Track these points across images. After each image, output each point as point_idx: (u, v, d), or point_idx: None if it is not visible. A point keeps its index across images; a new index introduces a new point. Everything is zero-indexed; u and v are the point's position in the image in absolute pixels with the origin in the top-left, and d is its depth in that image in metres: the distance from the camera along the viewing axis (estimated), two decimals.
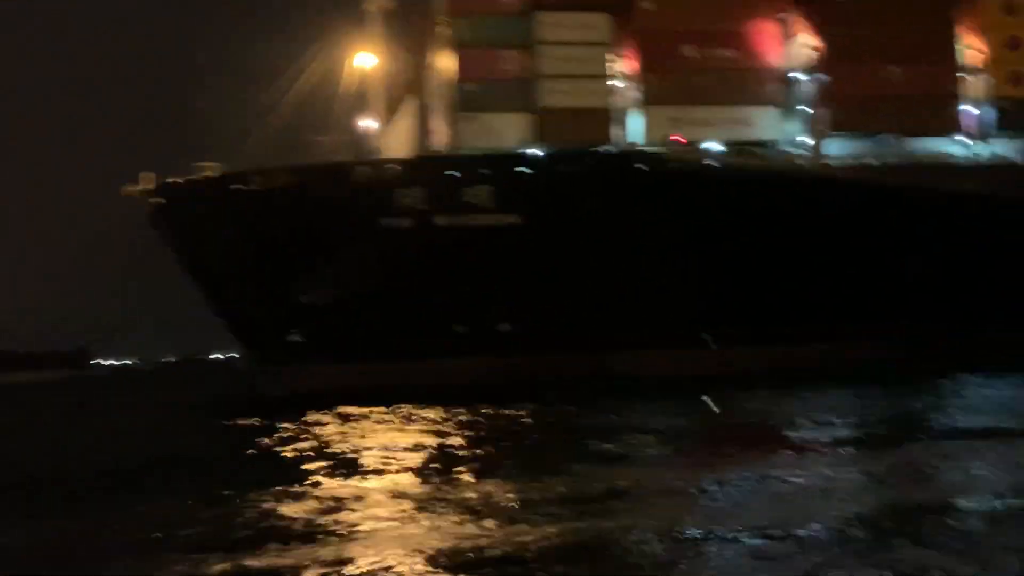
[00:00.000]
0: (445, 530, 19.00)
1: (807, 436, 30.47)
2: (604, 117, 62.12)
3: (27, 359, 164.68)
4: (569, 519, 19.22)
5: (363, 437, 36.20)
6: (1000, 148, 65.16)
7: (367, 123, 74.83)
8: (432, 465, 27.49)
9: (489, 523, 19.20)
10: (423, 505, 21.41)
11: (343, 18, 75.31)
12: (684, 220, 59.11)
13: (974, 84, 65.78)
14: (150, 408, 65.39)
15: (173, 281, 72.69)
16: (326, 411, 47.07)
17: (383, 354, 62.05)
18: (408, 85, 67.90)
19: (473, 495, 22.35)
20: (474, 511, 20.37)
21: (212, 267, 65.96)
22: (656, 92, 61.92)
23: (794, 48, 65.51)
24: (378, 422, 41.93)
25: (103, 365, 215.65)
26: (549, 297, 61.34)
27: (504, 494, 22.30)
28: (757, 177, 59.77)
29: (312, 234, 61.00)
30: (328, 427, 40.58)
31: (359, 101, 74.57)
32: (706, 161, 60.55)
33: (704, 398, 38.70)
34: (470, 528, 18.95)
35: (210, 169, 63.23)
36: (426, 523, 19.69)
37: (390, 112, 73.52)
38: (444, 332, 62.41)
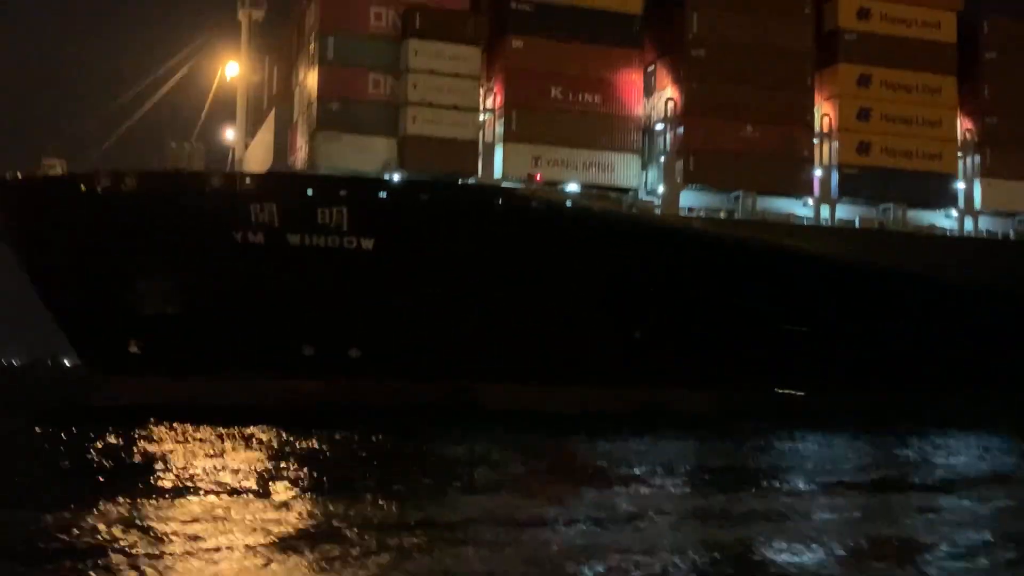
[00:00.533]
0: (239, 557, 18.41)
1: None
2: (469, 149, 62.14)
3: None
4: (382, 548, 18.90)
5: (182, 455, 35.14)
6: (844, 212, 67.75)
7: (230, 133, 73.57)
8: (249, 487, 26.76)
9: (299, 549, 18.73)
10: (225, 528, 20.72)
11: (217, 26, 74.05)
12: (534, 257, 59.53)
13: (824, 149, 68.40)
14: None
15: (25, 278, 69.35)
16: (151, 425, 45.67)
17: (227, 371, 60.52)
18: (272, 99, 66.84)
19: (273, 519, 21.77)
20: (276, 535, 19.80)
21: (49, 269, 63.26)
22: (519, 129, 62.37)
23: (656, 99, 67.04)
24: (202, 440, 40.81)
25: None
26: (399, 325, 60.85)
27: (307, 520, 21.80)
28: (608, 221, 60.68)
29: (157, 242, 59.11)
30: (147, 443, 39.29)
31: (225, 111, 73.33)
32: (561, 201, 61.08)
33: None
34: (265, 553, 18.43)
35: (54, 167, 60.71)
36: (226, 548, 19.02)
37: (255, 124, 72.40)
38: (292, 353, 61.21)
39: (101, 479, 28.47)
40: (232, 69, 71.52)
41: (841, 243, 66.10)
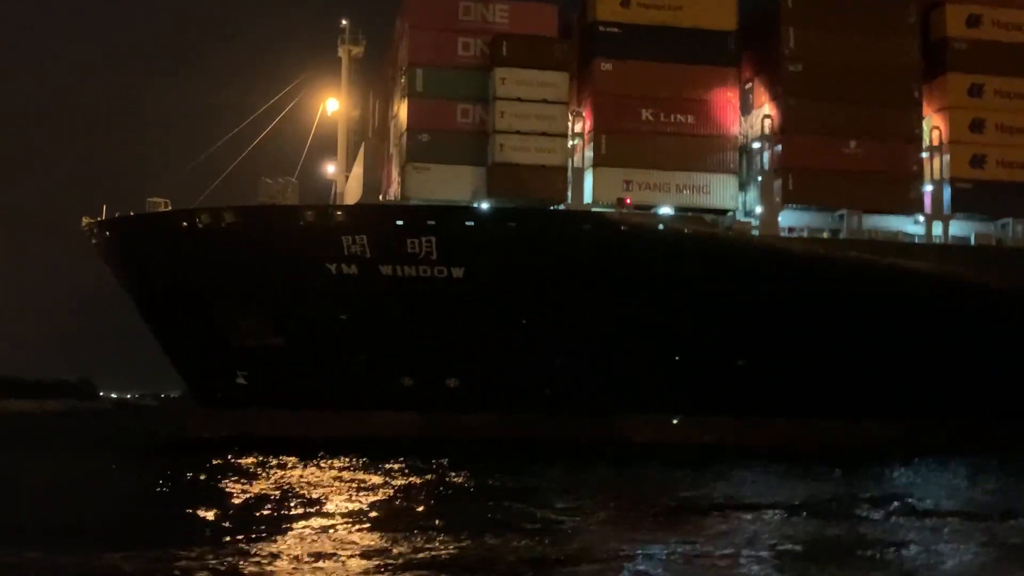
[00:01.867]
0: None
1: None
2: (558, 175, 61.61)
3: (34, 387, 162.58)
4: None
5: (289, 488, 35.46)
6: (957, 229, 64.36)
7: (331, 168, 75.02)
8: (358, 523, 26.89)
9: None
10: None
11: (319, 64, 75.83)
12: (625, 283, 58.34)
13: (934, 163, 65.20)
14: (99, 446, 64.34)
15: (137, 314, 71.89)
16: (256, 457, 46.41)
17: (328, 403, 61.34)
18: (365, 132, 67.80)
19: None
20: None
21: (157, 304, 65.45)
22: (608, 153, 61.47)
23: (753, 118, 65.19)
24: (306, 472, 41.09)
25: (108, 398, 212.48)
26: (494, 354, 60.50)
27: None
28: (701, 244, 59.05)
29: (256, 276, 60.46)
30: (256, 476, 39.79)
31: (330, 146, 74.86)
32: (653, 225, 59.80)
33: None
34: None
35: (159, 205, 62.88)
36: None
37: (353, 158, 73.61)
38: (392, 384, 61.59)
39: (230, 514, 29.16)
40: (332, 105, 72.96)
41: (954, 262, 62.73)
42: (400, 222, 59.19)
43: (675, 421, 62.37)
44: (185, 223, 61.18)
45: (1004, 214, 64.52)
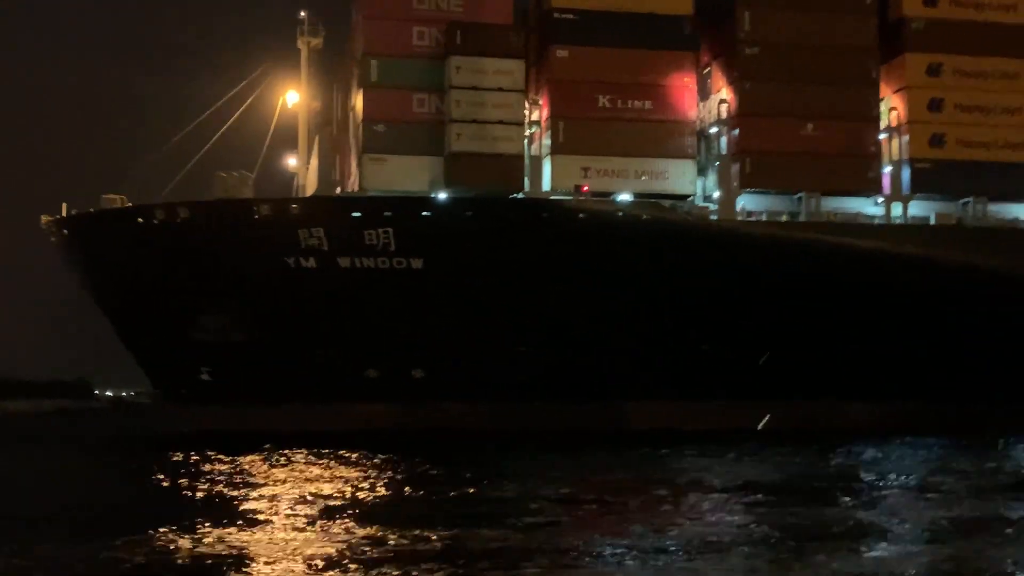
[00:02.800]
0: None
1: None
2: (515, 163, 61.34)
3: (28, 387, 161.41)
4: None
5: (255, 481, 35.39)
6: (917, 209, 64.34)
7: (292, 161, 74.65)
8: (326, 516, 26.74)
9: None
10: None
11: (279, 56, 75.39)
12: (585, 270, 58.18)
13: (893, 144, 65.13)
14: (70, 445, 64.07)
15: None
16: (221, 453, 46.18)
17: (293, 396, 61.12)
18: (321, 125, 67.46)
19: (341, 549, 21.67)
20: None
21: (117, 301, 65.06)
22: (566, 140, 61.18)
23: (711, 102, 65.01)
24: (271, 467, 40.96)
25: (104, 396, 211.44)
26: (457, 344, 60.35)
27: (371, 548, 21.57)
28: (659, 229, 58.89)
29: (214, 271, 60.11)
30: (221, 469, 39.66)
31: (289, 138, 74.51)
32: (611, 212, 59.62)
33: None
34: None
35: (116, 201, 62.42)
36: None
37: (313, 151, 73.25)
38: (356, 377, 61.35)
39: (188, 507, 29.06)
40: (292, 97, 72.58)
41: (917, 241, 62.71)
42: (357, 214, 58.90)
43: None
44: (141, 220, 60.79)
45: (964, 194, 64.47)
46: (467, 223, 58.56)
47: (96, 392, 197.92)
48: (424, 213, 58.89)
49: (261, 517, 26.57)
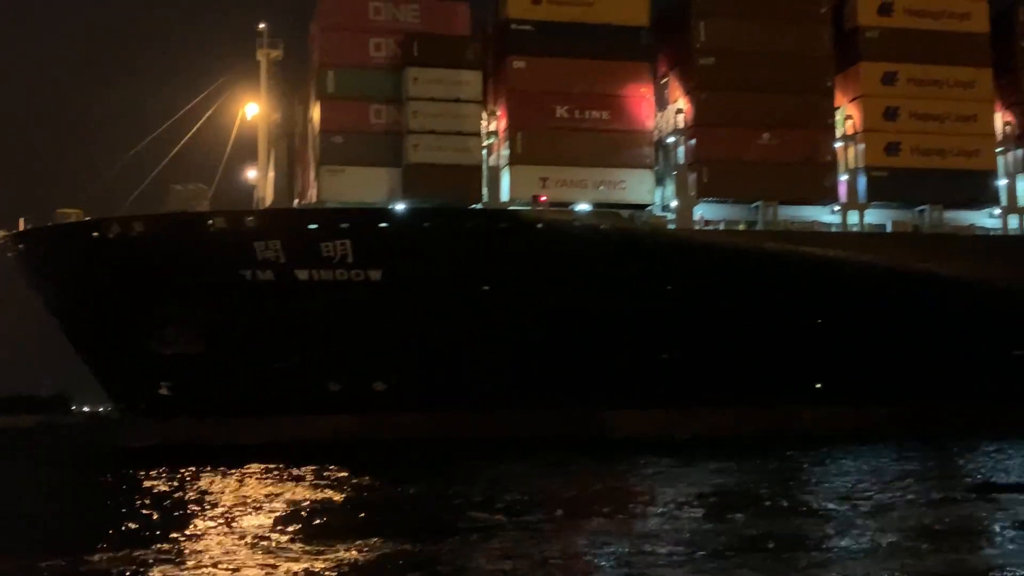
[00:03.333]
0: None
1: None
2: (473, 174, 61.39)
3: (6, 403, 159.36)
4: None
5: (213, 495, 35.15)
6: (873, 217, 64.78)
7: (252, 173, 74.21)
8: (284, 527, 26.64)
9: None
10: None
11: (239, 68, 74.94)
12: (543, 279, 58.17)
13: (849, 153, 65.58)
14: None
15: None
16: (180, 468, 45.73)
17: (254, 410, 60.70)
18: (280, 137, 67.16)
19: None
20: None
21: (73, 316, 64.44)
22: (524, 151, 61.32)
23: (669, 112, 65.26)
24: (229, 481, 40.70)
25: (81, 411, 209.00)
26: (419, 355, 60.15)
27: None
28: (618, 240, 59.03)
29: (170, 284, 59.66)
30: (165, 484, 39.39)
31: (245, 150, 73.99)
32: (568, 221, 59.69)
33: None
34: None
35: (70, 215, 61.89)
36: None
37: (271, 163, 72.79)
38: (319, 390, 60.99)
39: (141, 523, 28.69)
40: (252, 109, 72.15)
41: (875, 249, 63.17)
42: (313, 226, 58.68)
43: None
44: (96, 234, 60.27)
45: (920, 201, 65.00)
46: (425, 234, 58.48)
47: (73, 407, 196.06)
48: (382, 224, 58.74)
49: (208, 533, 26.41)
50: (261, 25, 72.16)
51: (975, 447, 49.86)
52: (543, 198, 60.50)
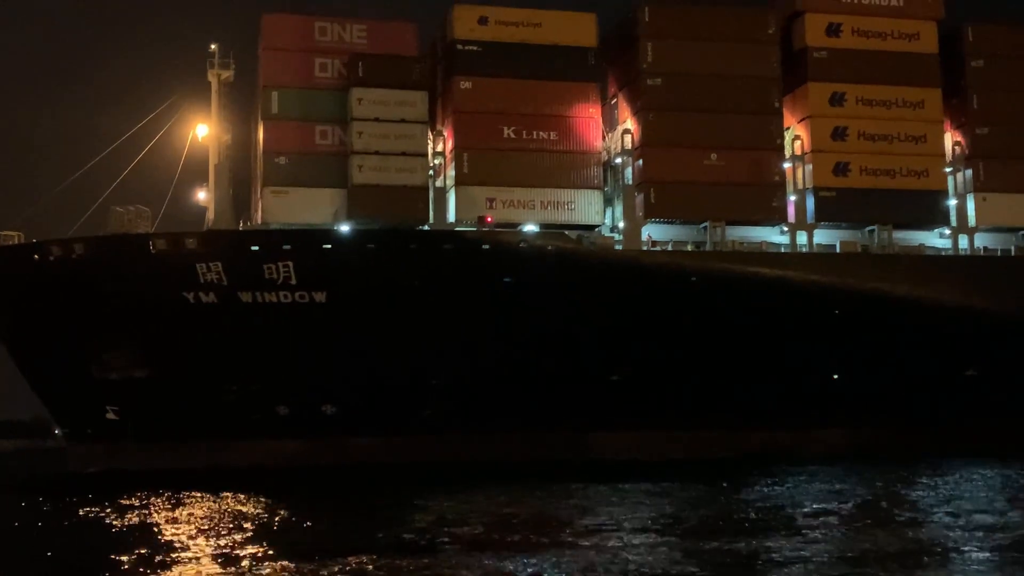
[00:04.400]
0: None
1: None
2: (419, 195, 60.95)
3: None
4: None
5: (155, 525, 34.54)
6: (823, 238, 64.58)
7: (202, 194, 73.49)
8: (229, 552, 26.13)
9: None
10: None
11: (189, 89, 74.39)
12: (488, 300, 57.71)
13: (797, 173, 65.45)
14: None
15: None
16: (125, 495, 44.95)
17: (204, 434, 59.94)
18: (225, 158, 66.59)
19: None
20: None
21: (17, 340, 63.57)
22: (470, 171, 60.97)
23: (618, 132, 65.07)
24: (178, 507, 39.90)
25: (63, 435, 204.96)
26: (365, 378, 59.51)
27: None
28: (564, 260, 58.60)
29: (112, 307, 58.92)
30: (130, 513, 38.73)
31: (195, 172, 73.34)
32: (514, 242, 59.28)
33: None
34: None
35: (12, 238, 61.13)
36: None
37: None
38: (267, 414, 60.26)
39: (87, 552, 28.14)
40: (202, 130, 71.61)
41: (823, 269, 62.91)
42: (255, 247, 58.08)
43: None
44: (37, 256, 59.52)
45: (869, 222, 64.83)
46: (369, 256, 57.93)
47: (57, 432, 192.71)
48: (325, 246, 58.17)
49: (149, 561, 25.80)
50: (213, 46, 71.83)
51: (932, 469, 49.61)
52: (489, 219, 60.12)
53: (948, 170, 67.50)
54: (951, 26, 68.13)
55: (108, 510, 39.02)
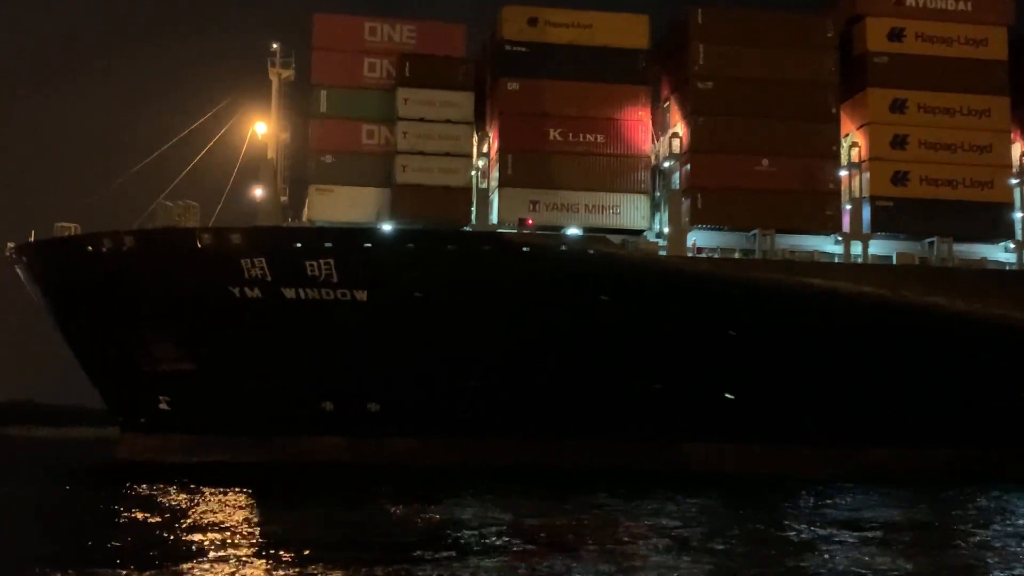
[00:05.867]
0: None
1: None
2: (461, 196, 60.82)
3: (60, 414, 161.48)
4: None
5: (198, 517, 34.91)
6: (878, 248, 62.55)
7: (259, 192, 74.47)
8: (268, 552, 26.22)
9: None
10: None
11: (247, 87, 75.53)
12: (531, 304, 57.12)
13: (854, 181, 63.53)
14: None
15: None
16: (171, 485, 45.56)
17: (252, 429, 60.74)
18: (279, 156, 67.34)
19: None
20: None
21: (75, 330, 65.25)
22: (514, 173, 60.55)
23: (666, 137, 64.01)
24: (221, 500, 40.41)
25: None
26: (407, 377, 59.56)
27: None
28: (606, 265, 57.76)
29: (160, 299, 60.05)
30: (168, 504, 39.17)
31: (253, 168, 74.37)
32: (555, 246, 58.67)
33: None
34: None
35: (68, 229, 62.76)
36: None
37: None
38: (313, 409, 60.78)
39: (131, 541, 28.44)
40: (261, 128, 72.63)
41: (879, 281, 60.81)
42: (298, 244, 58.59)
43: None
44: (90, 247, 61.00)
45: (927, 233, 62.53)
46: (408, 256, 57.96)
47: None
48: (366, 245, 58.38)
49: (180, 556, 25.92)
50: (274, 45, 72.86)
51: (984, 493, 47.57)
52: (530, 221, 59.63)
53: (1014, 182, 64.82)
54: (1022, 31, 65.41)
55: (135, 499, 39.38)
